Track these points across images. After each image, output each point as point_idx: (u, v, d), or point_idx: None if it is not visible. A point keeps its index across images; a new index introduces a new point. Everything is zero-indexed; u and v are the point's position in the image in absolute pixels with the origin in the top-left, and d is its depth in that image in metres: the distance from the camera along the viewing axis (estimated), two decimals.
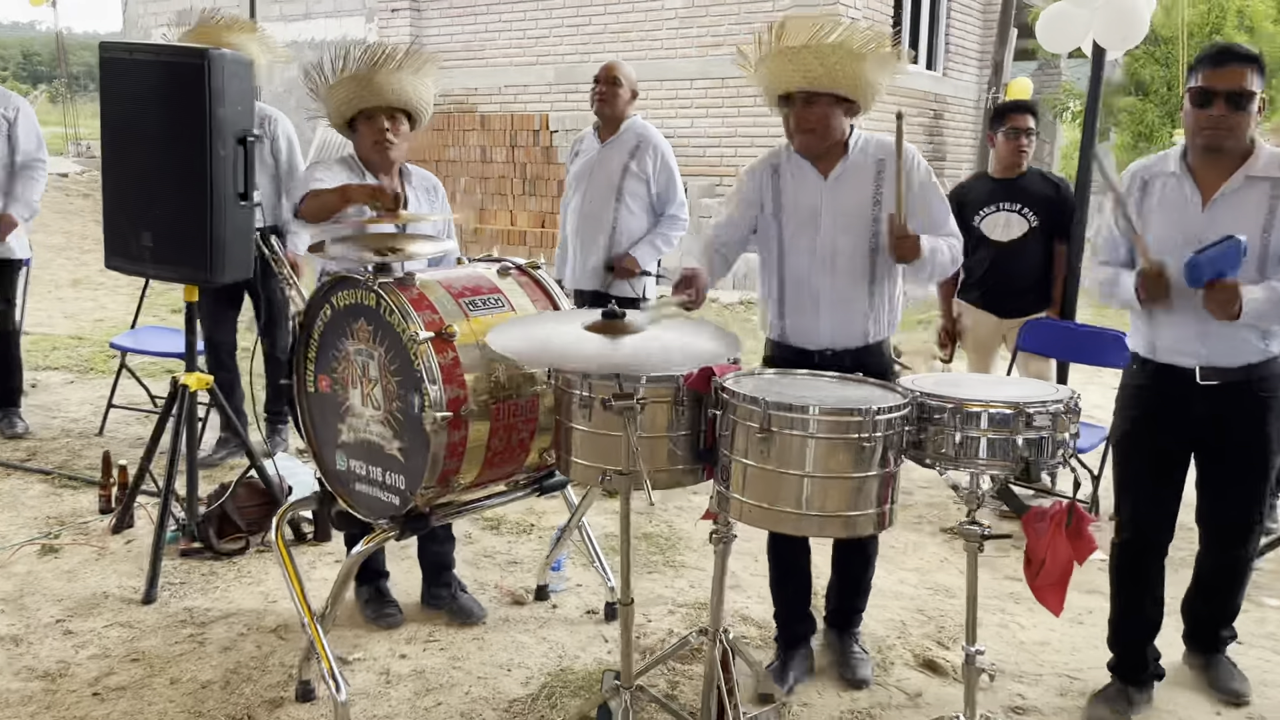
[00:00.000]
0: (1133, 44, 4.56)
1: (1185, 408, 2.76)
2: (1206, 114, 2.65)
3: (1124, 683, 2.94)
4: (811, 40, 2.69)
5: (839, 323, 2.90)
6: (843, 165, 2.87)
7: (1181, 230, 2.71)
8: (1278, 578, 3.93)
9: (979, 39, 12.55)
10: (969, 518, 2.46)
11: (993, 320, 4.71)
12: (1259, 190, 2.67)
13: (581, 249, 4.53)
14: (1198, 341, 2.71)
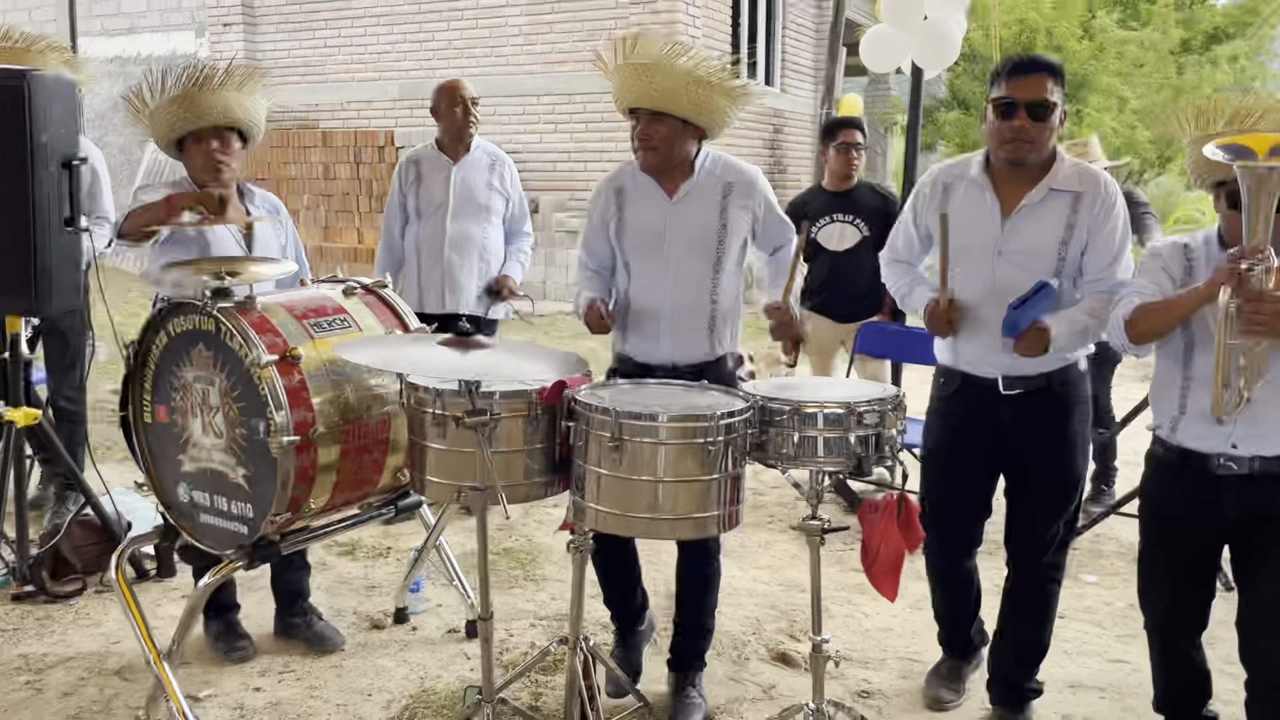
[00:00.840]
0: (947, 64, 4.88)
1: (993, 418, 2.77)
2: (1009, 125, 2.63)
3: (953, 655, 3.12)
4: (661, 60, 2.74)
5: (681, 342, 2.92)
6: (688, 185, 2.89)
7: (980, 239, 2.73)
8: (1094, 556, 4.26)
9: (813, 56, 13.08)
10: (811, 514, 2.60)
11: (832, 325, 4.94)
12: (1060, 203, 2.68)
13: (450, 272, 4.41)
14: (999, 354, 2.73)
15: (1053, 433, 2.77)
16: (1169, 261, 2.50)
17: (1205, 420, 2.37)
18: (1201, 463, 2.41)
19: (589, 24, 10.62)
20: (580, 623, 2.62)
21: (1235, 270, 2.20)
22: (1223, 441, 2.38)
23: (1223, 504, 2.41)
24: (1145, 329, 2.42)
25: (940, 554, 3.00)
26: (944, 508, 2.92)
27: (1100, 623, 3.61)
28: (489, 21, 11.15)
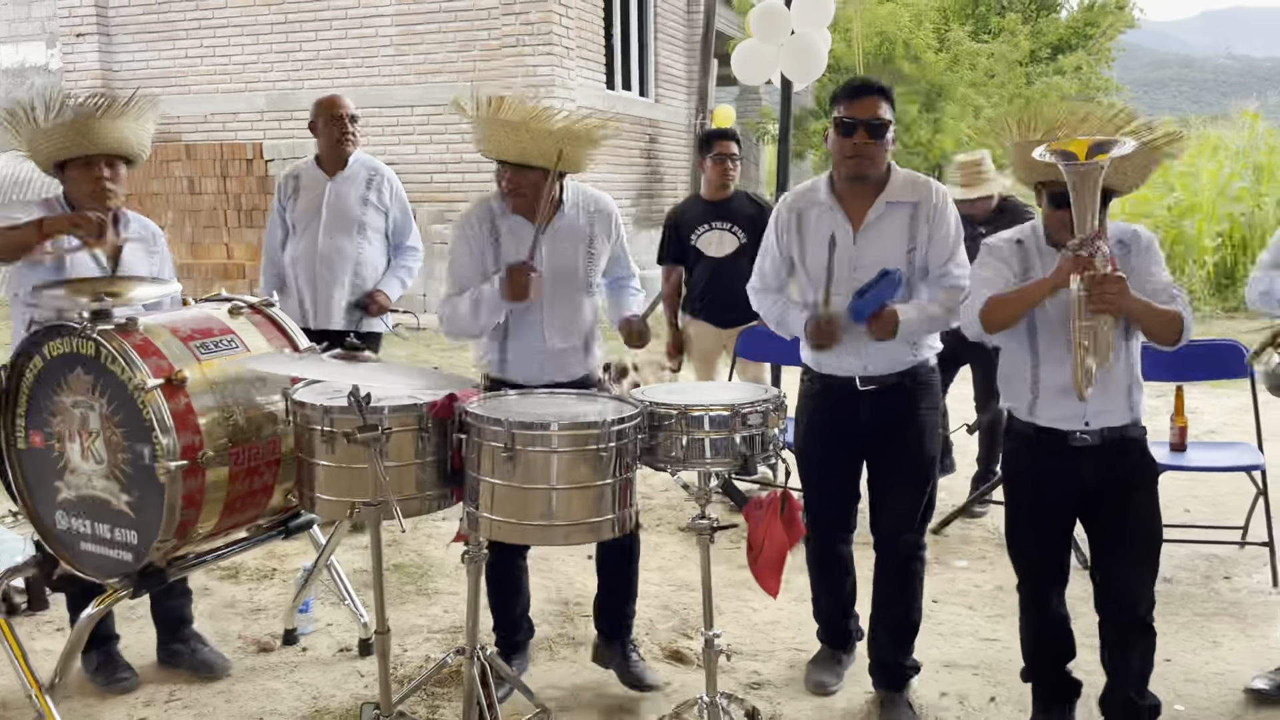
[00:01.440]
0: (815, 76, 5.08)
1: (854, 412, 2.98)
2: (850, 142, 2.85)
3: (832, 645, 3.29)
4: (529, 121, 2.84)
5: (561, 365, 3.08)
6: (559, 219, 3.05)
7: (838, 260, 2.90)
8: (963, 542, 4.50)
9: (685, 67, 13.33)
10: (700, 513, 2.70)
11: (714, 331, 5.07)
12: (900, 214, 2.91)
13: (322, 287, 4.37)
14: (855, 356, 2.94)
15: (906, 422, 3.00)
16: (1007, 256, 2.73)
17: (1059, 399, 2.61)
18: (1060, 438, 2.64)
19: (462, 34, 10.58)
20: (477, 632, 2.65)
21: (1080, 258, 2.43)
22: (1077, 419, 2.63)
23: (1081, 472, 2.65)
24: (999, 317, 2.63)
25: (816, 538, 3.17)
26: (815, 494, 3.15)
27: (971, 605, 3.82)
28: (359, 32, 10.99)
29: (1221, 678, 3.21)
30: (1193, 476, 4.82)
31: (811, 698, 3.12)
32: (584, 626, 3.62)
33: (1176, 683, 3.18)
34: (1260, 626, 3.56)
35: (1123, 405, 2.64)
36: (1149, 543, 2.69)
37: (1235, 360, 4.24)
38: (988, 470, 4.87)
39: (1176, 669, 3.27)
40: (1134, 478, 2.68)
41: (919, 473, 3.03)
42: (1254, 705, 3.03)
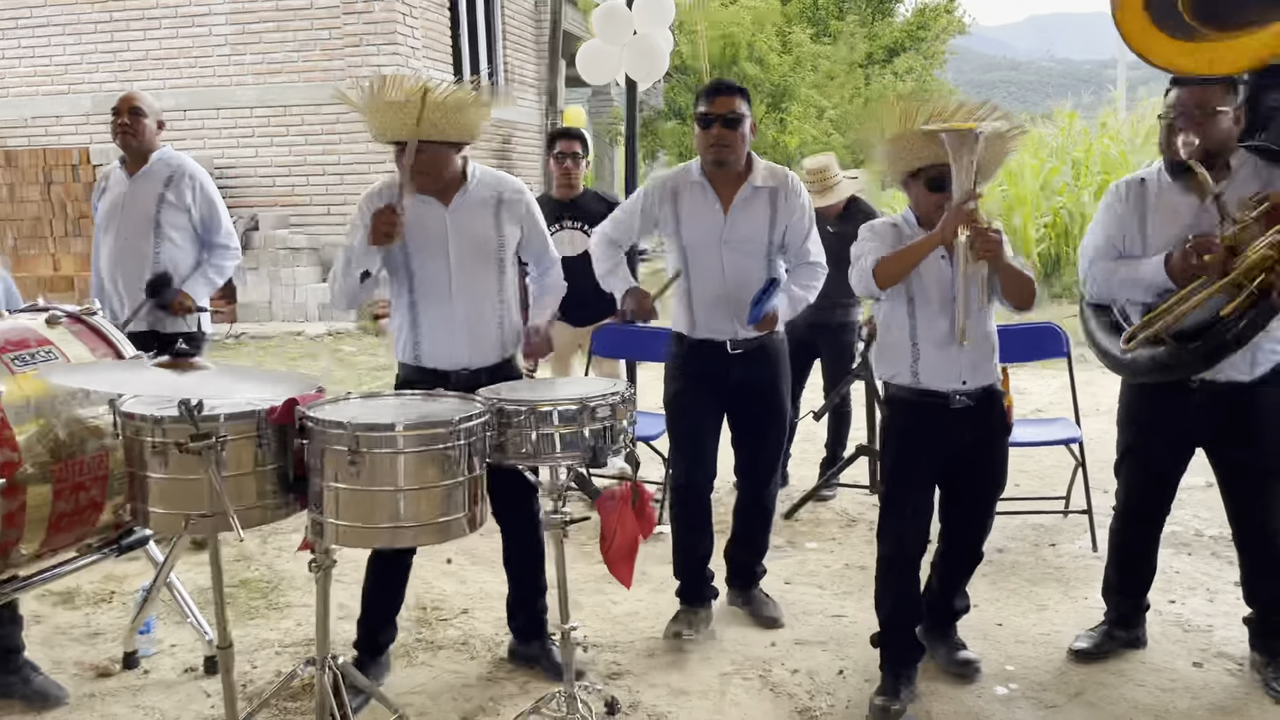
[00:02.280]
0: (657, 76, 5.17)
1: (723, 373, 3.38)
2: (710, 133, 3.26)
3: (688, 603, 3.52)
4: (414, 97, 2.83)
5: (476, 344, 3.09)
6: (462, 194, 3.07)
7: (709, 232, 3.33)
8: (814, 526, 4.66)
9: (535, 68, 13.30)
10: (553, 509, 2.72)
11: (568, 329, 5.09)
12: (762, 197, 3.34)
13: (125, 288, 4.22)
14: (728, 324, 3.34)
15: (766, 381, 3.44)
16: (885, 235, 2.99)
17: (938, 355, 2.88)
18: (942, 401, 2.91)
19: (301, 34, 10.28)
20: (327, 641, 2.59)
21: (966, 211, 2.70)
22: (955, 379, 2.89)
23: (958, 431, 2.94)
24: (891, 271, 2.87)
25: (684, 478, 3.50)
26: (683, 439, 3.50)
27: (821, 584, 3.97)
28: (191, 31, 10.53)
29: (1048, 638, 3.43)
30: (1021, 452, 5.10)
31: (668, 684, 3.18)
32: (442, 630, 3.59)
33: (1008, 645, 3.38)
34: (1082, 588, 3.81)
35: (990, 365, 2.97)
36: (998, 487, 3.12)
37: (1053, 342, 4.54)
38: (835, 455, 5.06)
39: (1007, 632, 3.48)
40: (996, 430, 3.03)
41: (777, 423, 3.51)
42: (1076, 663, 3.25)
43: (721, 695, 3.11)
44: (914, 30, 20.44)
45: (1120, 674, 3.18)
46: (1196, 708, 2.98)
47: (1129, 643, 3.31)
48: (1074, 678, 3.16)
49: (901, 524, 3.01)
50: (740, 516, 3.63)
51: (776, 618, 3.58)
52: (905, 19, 21.03)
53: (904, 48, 19.85)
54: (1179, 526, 4.36)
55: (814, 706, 3.04)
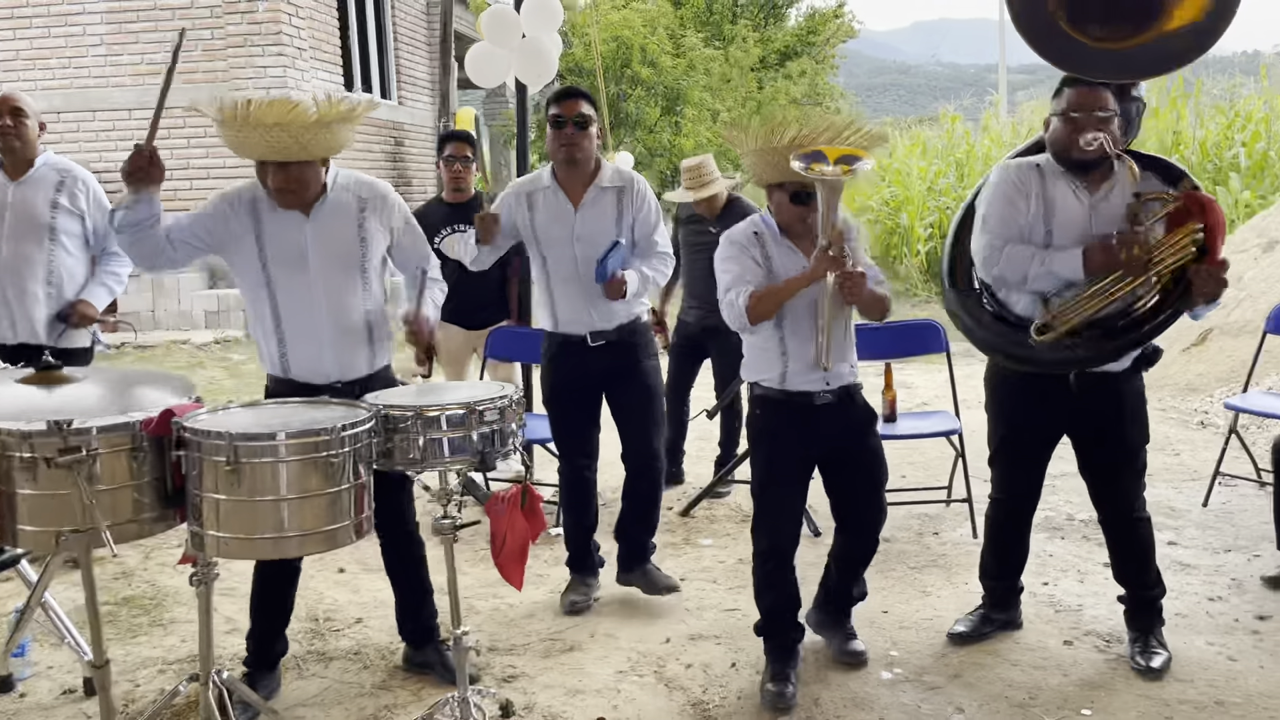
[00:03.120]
0: (547, 80, 5.18)
1: (588, 364, 3.62)
2: (563, 134, 3.48)
3: (578, 572, 3.82)
4: (284, 119, 2.77)
5: (343, 356, 3.01)
6: (322, 203, 2.98)
7: (562, 230, 3.55)
8: (709, 523, 4.74)
9: (428, 69, 13.15)
10: (443, 513, 2.72)
11: (462, 333, 5.07)
12: (609, 197, 3.58)
13: (15, 298, 4.01)
14: (585, 316, 3.58)
15: (630, 364, 3.67)
16: (747, 245, 3.07)
17: (807, 369, 3.02)
18: (808, 399, 3.05)
19: None
20: (211, 656, 2.54)
21: (835, 258, 2.84)
22: (820, 382, 3.05)
23: (823, 425, 3.07)
24: (762, 311, 2.97)
25: (566, 464, 3.79)
26: (561, 429, 3.79)
27: (715, 580, 4.04)
28: (64, 30, 10.10)
29: (931, 623, 3.56)
30: (907, 445, 5.30)
31: (563, 684, 3.20)
32: (335, 641, 3.54)
33: (892, 631, 3.50)
34: (963, 574, 3.97)
35: (849, 365, 3.11)
36: (880, 479, 3.20)
37: (934, 338, 4.71)
38: (729, 453, 5.15)
39: (892, 619, 3.60)
40: (863, 423, 3.15)
41: (651, 406, 3.73)
42: (955, 645, 3.39)
43: (616, 692, 3.14)
44: (805, 35, 20.87)
45: (996, 654, 3.32)
46: (1066, 684, 3.13)
47: (1005, 624, 3.46)
48: (953, 659, 3.29)
49: (775, 520, 3.12)
50: (627, 497, 3.80)
51: (672, 585, 3.77)
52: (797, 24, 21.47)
53: (796, 52, 20.24)
54: (1052, 511, 4.57)
55: (707, 700, 3.10)
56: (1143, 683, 3.10)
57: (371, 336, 3.08)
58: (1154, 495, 4.78)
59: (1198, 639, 3.38)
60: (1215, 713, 2.93)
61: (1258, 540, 4.17)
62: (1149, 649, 3.19)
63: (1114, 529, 3.27)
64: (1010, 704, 3.02)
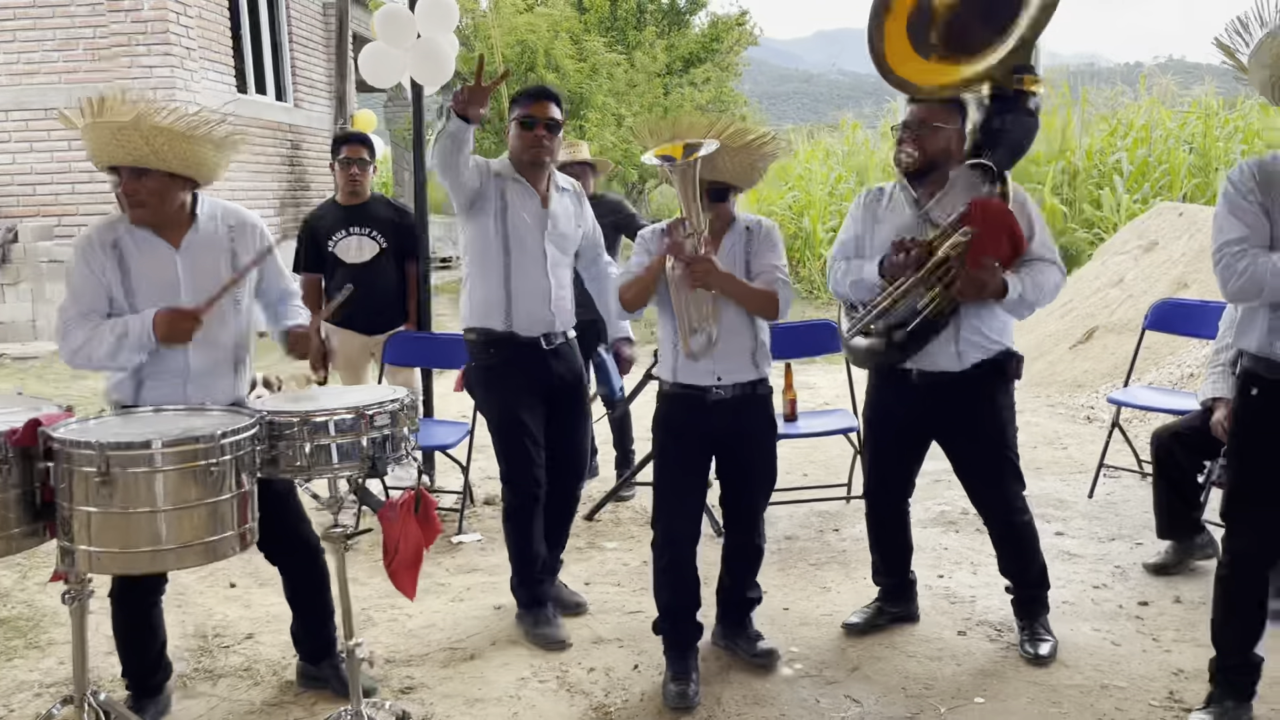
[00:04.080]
0: (443, 81, 5.10)
1: (541, 371, 3.45)
2: (533, 134, 3.37)
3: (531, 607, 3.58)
4: (137, 120, 2.64)
5: (206, 387, 2.86)
6: (193, 234, 2.84)
7: (534, 224, 3.41)
8: (614, 525, 4.72)
9: (326, 71, 12.86)
10: (333, 522, 2.64)
11: (359, 338, 4.96)
12: (566, 199, 3.55)
13: None
14: (547, 313, 3.44)
15: (575, 378, 3.56)
16: (651, 241, 3.11)
17: (693, 362, 3.00)
18: (700, 393, 3.04)
19: (62, 31, 9.55)
20: (85, 677, 2.42)
21: (675, 243, 2.89)
22: (710, 377, 3.03)
23: (714, 423, 3.06)
24: (630, 298, 3.04)
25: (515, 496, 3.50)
26: (510, 443, 3.46)
27: (619, 582, 4.02)
28: None
29: (830, 618, 3.60)
30: (810, 443, 5.38)
31: (463, 693, 3.14)
32: (224, 658, 3.41)
33: (793, 628, 3.53)
34: (862, 569, 4.02)
35: (748, 365, 3.07)
36: (767, 482, 3.23)
37: (829, 338, 4.78)
38: (624, 453, 5.17)
39: (793, 615, 3.63)
40: (760, 426, 3.14)
41: (587, 421, 3.66)
42: (850, 638, 3.44)
43: (517, 700, 3.10)
44: (709, 42, 21.06)
45: (893, 646, 3.38)
46: (960, 673, 3.20)
47: (902, 617, 3.53)
48: (852, 654, 3.34)
49: (672, 514, 3.13)
50: (546, 511, 3.59)
51: (580, 603, 3.69)
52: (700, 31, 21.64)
53: (700, 59, 20.41)
54: (947, 506, 4.68)
55: (609, 703, 3.07)
56: (1032, 670, 3.19)
57: (237, 366, 2.94)
58: (1043, 488, 4.97)
59: (1084, 625, 3.50)
60: (1100, 696, 3.03)
61: (1139, 529, 4.34)
62: (1036, 637, 3.29)
63: (993, 529, 3.36)
64: (907, 695, 3.08)
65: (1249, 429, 2.72)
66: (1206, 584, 3.75)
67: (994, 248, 2.96)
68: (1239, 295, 2.57)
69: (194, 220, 2.85)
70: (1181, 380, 6.15)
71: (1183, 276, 7.30)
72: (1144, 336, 5.03)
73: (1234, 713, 2.77)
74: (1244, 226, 2.54)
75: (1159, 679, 3.11)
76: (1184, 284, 7.16)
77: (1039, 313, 5.59)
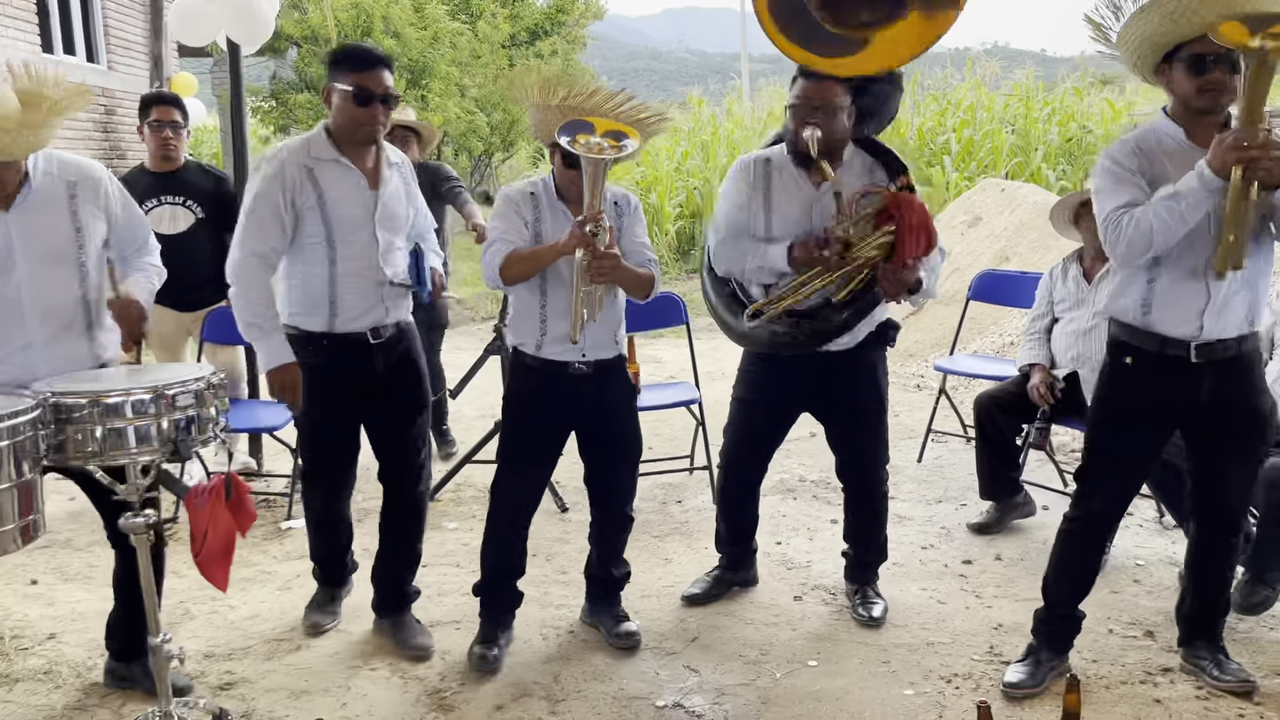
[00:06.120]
0: (262, 40, 4.81)
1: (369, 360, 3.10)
2: (367, 111, 2.93)
3: (329, 587, 3.42)
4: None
5: (57, 353, 2.63)
6: (26, 193, 2.58)
7: (361, 210, 3.01)
8: (455, 505, 4.60)
9: (144, 31, 12.03)
10: (135, 511, 2.44)
11: (174, 315, 4.64)
12: (396, 176, 3.11)
13: None
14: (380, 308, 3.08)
15: (412, 365, 3.22)
16: (521, 207, 2.98)
17: (563, 340, 2.96)
18: (561, 369, 3.00)
19: None
20: None
21: (585, 235, 2.78)
22: (576, 354, 3.00)
23: (576, 397, 3.04)
24: (515, 273, 2.92)
25: (322, 497, 3.28)
26: (316, 444, 3.25)
27: (458, 563, 3.91)
28: None
29: (672, 590, 3.60)
30: (656, 416, 5.34)
31: (288, 686, 2.98)
32: (22, 661, 3.15)
33: (635, 601, 3.50)
34: (703, 539, 4.04)
35: (611, 340, 3.07)
36: (631, 453, 3.20)
37: (674, 312, 4.77)
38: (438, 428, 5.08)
39: (634, 588, 3.60)
40: (619, 397, 3.14)
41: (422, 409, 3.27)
42: (690, 608, 3.46)
43: (347, 690, 2.96)
44: (554, 14, 20.83)
45: (732, 615, 3.41)
46: (796, 638, 3.25)
47: (741, 583, 3.56)
48: (691, 624, 3.34)
49: (518, 480, 3.11)
50: (385, 519, 3.29)
51: (426, 646, 3.18)
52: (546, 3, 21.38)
53: (546, 31, 20.18)
54: (786, 474, 4.76)
55: (444, 687, 2.98)
56: (864, 631, 3.27)
57: (92, 338, 2.73)
58: None
59: (912, 585, 3.61)
60: (926, 653, 3.12)
61: (964, 491, 4.52)
62: (868, 600, 3.37)
63: (854, 498, 3.42)
64: (744, 662, 3.10)
65: (1117, 396, 2.78)
66: (1025, 542, 3.97)
67: (915, 247, 2.93)
68: (1130, 250, 2.57)
69: (27, 179, 2.59)
70: (1003, 348, 6.45)
71: (1005, 250, 7.66)
72: (968, 307, 5.23)
73: (1049, 664, 2.90)
74: (1129, 193, 2.59)
75: (981, 634, 3.24)
76: (1006, 257, 7.51)
77: None
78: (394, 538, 3.28)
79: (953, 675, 2.99)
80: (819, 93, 2.98)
